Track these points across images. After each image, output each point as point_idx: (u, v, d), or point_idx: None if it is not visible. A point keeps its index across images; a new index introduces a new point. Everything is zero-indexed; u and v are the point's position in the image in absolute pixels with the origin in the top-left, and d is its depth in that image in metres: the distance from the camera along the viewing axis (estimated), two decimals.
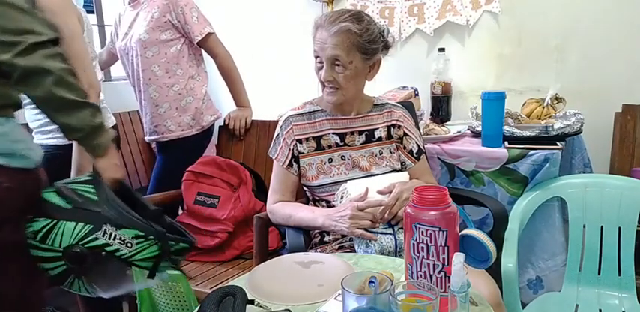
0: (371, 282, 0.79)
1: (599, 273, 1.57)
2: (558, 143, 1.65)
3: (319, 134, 1.44)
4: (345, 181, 1.37)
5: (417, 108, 2.02)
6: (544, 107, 1.86)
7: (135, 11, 2.02)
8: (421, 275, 0.86)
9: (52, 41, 1.07)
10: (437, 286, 0.83)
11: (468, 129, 1.93)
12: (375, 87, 1.58)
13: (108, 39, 2.22)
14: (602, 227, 1.57)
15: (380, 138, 1.47)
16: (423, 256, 0.85)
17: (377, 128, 1.48)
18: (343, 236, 1.37)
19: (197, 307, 0.87)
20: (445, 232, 0.83)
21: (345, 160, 1.44)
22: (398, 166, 1.47)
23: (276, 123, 1.51)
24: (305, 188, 1.49)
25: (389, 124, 1.49)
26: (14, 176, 1.08)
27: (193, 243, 1.25)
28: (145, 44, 1.95)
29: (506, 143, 1.69)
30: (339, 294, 0.85)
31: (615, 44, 1.95)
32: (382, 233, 1.25)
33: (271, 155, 1.48)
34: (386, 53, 1.41)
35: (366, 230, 1.24)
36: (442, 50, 2.13)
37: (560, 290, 1.62)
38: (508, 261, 1.39)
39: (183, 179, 1.91)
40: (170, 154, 2.09)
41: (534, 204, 1.62)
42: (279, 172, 1.46)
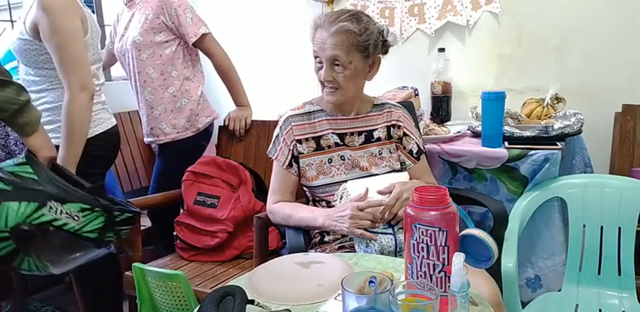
0: (371, 282, 0.79)
1: (599, 273, 1.57)
2: (558, 143, 1.65)
3: (319, 134, 1.44)
4: (345, 181, 1.37)
5: (417, 108, 2.02)
6: (544, 107, 1.86)
7: (131, 12, 2.02)
8: (421, 275, 0.86)
9: None
10: (437, 286, 0.83)
11: (468, 129, 1.93)
12: (375, 87, 1.58)
13: (107, 39, 2.22)
14: (602, 227, 1.57)
15: (379, 138, 1.47)
16: (423, 256, 0.85)
17: (376, 128, 1.48)
18: (343, 236, 1.37)
19: (197, 307, 0.87)
20: (445, 232, 0.83)
21: (345, 160, 1.44)
22: (398, 166, 1.47)
23: (276, 123, 1.51)
24: (305, 188, 1.49)
25: (388, 124, 1.49)
26: None
27: (138, 212, 1.33)
28: (140, 46, 1.94)
29: (506, 143, 1.69)
30: (339, 294, 0.85)
31: (615, 44, 1.95)
32: (382, 233, 1.25)
33: (271, 155, 1.48)
34: (386, 53, 1.42)
35: (366, 230, 1.24)
36: (442, 50, 2.13)
37: (558, 290, 1.62)
38: (508, 261, 1.39)
39: (183, 179, 1.91)
40: (168, 156, 2.09)
41: (534, 204, 1.62)
42: (279, 172, 1.46)
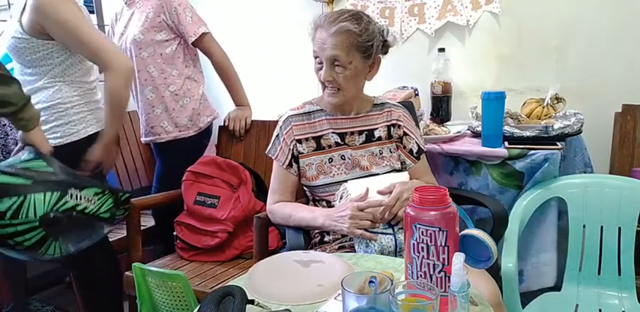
0: (371, 282, 0.79)
1: (599, 273, 1.57)
2: (558, 143, 1.65)
3: (319, 134, 1.44)
4: (345, 181, 1.37)
5: (417, 108, 2.02)
6: (544, 107, 1.86)
7: (130, 10, 2.01)
8: (421, 275, 0.86)
9: None
10: (437, 286, 0.83)
11: (468, 129, 1.93)
12: (375, 87, 1.58)
13: None
14: (602, 227, 1.57)
15: (380, 137, 1.47)
16: (423, 256, 0.85)
17: (377, 128, 1.48)
18: (343, 236, 1.37)
19: (197, 307, 0.87)
20: (445, 232, 0.83)
21: (345, 160, 1.44)
22: (398, 166, 1.47)
23: (276, 123, 1.51)
24: (305, 188, 1.49)
25: (389, 124, 1.49)
26: None
27: (131, 194, 1.56)
28: (140, 45, 1.94)
29: (506, 143, 1.69)
30: (339, 294, 0.85)
31: (615, 44, 1.95)
32: (382, 233, 1.25)
33: (270, 155, 1.47)
34: (386, 53, 1.42)
35: (366, 230, 1.24)
36: (442, 50, 2.12)
37: (539, 289, 1.62)
38: (508, 261, 1.39)
39: (183, 179, 1.91)
40: (169, 156, 2.09)
41: (534, 204, 1.62)
42: (279, 172, 1.46)
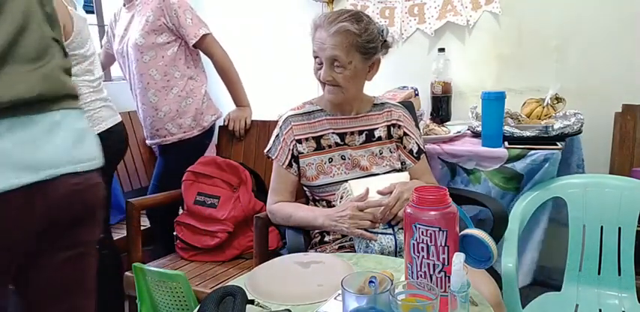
0: (371, 282, 0.79)
1: (599, 273, 1.57)
2: (558, 143, 1.65)
3: (319, 134, 1.44)
4: (345, 181, 1.36)
5: (417, 108, 2.02)
6: (544, 107, 1.86)
7: (130, 13, 2.01)
8: (421, 275, 0.86)
9: None
10: (437, 286, 0.83)
11: (468, 129, 1.93)
12: (375, 87, 1.58)
13: (104, 39, 2.21)
14: (602, 227, 1.57)
15: (380, 137, 1.47)
16: (423, 256, 0.85)
17: (377, 128, 1.48)
18: (343, 236, 1.37)
19: (197, 307, 0.87)
20: (445, 232, 0.83)
21: (345, 160, 1.44)
22: (398, 166, 1.47)
23: (276, 123, 1.51)
24: (305, 188, 1.49)
25: (389, 124, 1.49)
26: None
27: None
28: (142, 48, 1.94)
29: (506, 143, 1.69)
30: (339, 294, 0.85)
31: (615, 44, 1.95)
32: (382, 233, 1.25)
33: (270, 154, 1.47)
34: (385, 53, 1.42)
35: (366, 230, 1.24)
36: (442, 50, 2.13)
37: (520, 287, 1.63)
38: (508, 261, 1.39)
39: (183, 179, 1.91)
40: (173, 156, 2.08)
41: (534, 204, 1.62)
42: (279, 172, 1.46)
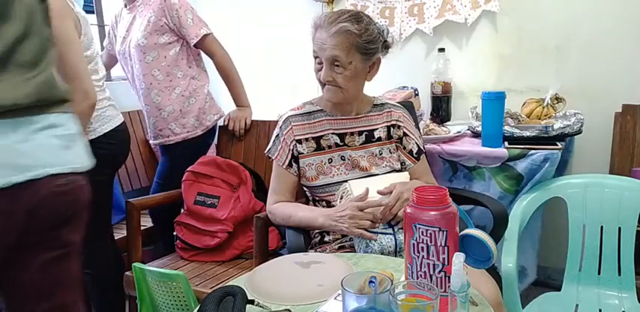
0: (371, 282, 0.79)
1: (599, 273, 1.58)
2: (558, 143, 1.65)
3: (319, 134, 1.44)
4: (345, 181, 1.37)
5: (417, 108, 2.02)
6: (544, 107, 1.86)
7: (131, 14, 2.01)
8: (421, 275, 0.86)
9: None
10: (437, 286, 0.83)
11: (468, 129, 1.93)
12: (375, 87, 1.58)
13: (105, 40, 2.21)
14: (602, 227, 1.57)
15: (379, 138, 1.47)
16: (423, 256, 0.85)
17: (376, 128, 1.48)
18: (343, 236, 1.37)
19: (197, 307, 0.87)
20: (445, 232, 0.83)
21: (345, 161, 1.44)
22: (398, 166, 1.47)
23: (276, 123, 1.51)
24: (305, 188, 1.49)
25: (388, 124, 1.49)
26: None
27: None
28: (144, 49, 1.94)
29: (506, 143, 1.69)
30: (339, 294, 0.85)
31: (615, 44, 1.95)
32: (382, 233, 1.25)
33: (270, 155, 1.47)
34: (385, 53, 1.41)
35: (366, 230, 1.24)
36: (442, 50, 2.13)
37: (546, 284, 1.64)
38: (508, 261, 1.39)
39: (183, 179, 1.91)
40: (176, 155, 2.08)
41: (534, 204, 1.62)
42: (279, 173, 1.46)
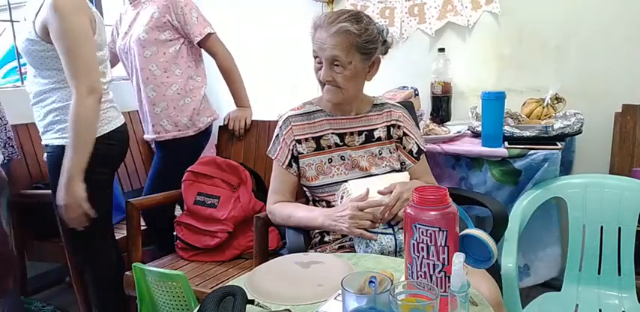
0: (371, 282, 0.79)
1: (599, 273, 1.57)
2: (558, 143, 1.65)
3: (319, 134, 1.44)
4: (345, 181, 1.37)
5: (417, 108, 2.02)
6: (544, 107, 1.86)
7: (136, 10, 2.03)
8: (421, 275, 0.86)
9: None
10: (437, 286, 0.83)
11: (468, 129, 1.93)
12: (375, 87, 1.58)
13: (108, 39, 2.21)
14: (602, 227, 1.57)
15: (379, 138, 1.47)
16: (423, 256, 0.85)
17: (376, 128, 1.47)
18: (343, 236, 1.37)
19: (197, 307, 0.87)
20: (445, 232, 0.83)
21: (345, 160, 1.44)
22: (398, 166, 1.47)
23: (276, 123, 1.51)
24: (305, 188, 1.49)
25: (388, 124, 1.49)
26: None
27: None
28: (144, 43, 1.96)
29: (506, 143, 1.69)
30: (339, 294, 0.85)
31: (615, 44, 1.95)
32: (382, 233, 1.25)
33: (270, 155, 1.47)
34: (385, 53, 1.41)
35: (366, 230, 1.24)
36: (442, 50, 2.12)
37: (544, 280, 1.62)
38: (508, 261, 1.39)
39: (183, 179, 1.91)
40: (167, 154, 2.10)
41: (534, 204, 1.62)
42: (278, 173, 1.46)
